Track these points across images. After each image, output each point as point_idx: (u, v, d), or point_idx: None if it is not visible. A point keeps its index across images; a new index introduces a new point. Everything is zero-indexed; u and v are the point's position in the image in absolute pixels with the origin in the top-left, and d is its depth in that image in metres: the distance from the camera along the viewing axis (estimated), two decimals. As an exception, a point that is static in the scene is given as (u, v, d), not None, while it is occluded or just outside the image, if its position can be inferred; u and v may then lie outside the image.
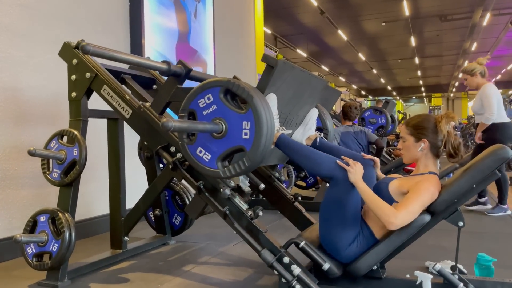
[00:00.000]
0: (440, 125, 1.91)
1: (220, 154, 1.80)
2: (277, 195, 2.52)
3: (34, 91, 2.95)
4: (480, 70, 3.93)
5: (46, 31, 3.02)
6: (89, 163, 2.35)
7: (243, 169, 1.75)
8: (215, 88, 1.78)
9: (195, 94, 1.82)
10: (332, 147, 2.23)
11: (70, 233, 2.12)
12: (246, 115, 1.72)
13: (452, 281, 1.79)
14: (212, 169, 1.82)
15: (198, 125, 1.74)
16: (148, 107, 2.22)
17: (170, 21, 4.31)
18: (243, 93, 1.73)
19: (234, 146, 1.76)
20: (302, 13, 12.69)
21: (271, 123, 1.74)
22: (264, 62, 1.92)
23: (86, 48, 1.98)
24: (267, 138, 1.71)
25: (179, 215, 3.06)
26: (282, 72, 1.95)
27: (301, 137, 2.30)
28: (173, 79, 2.26)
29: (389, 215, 1.75)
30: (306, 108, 2.38)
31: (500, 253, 2.47)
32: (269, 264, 1.86)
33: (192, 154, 1.86)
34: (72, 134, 2.23)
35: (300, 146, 2.01)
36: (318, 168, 1.93)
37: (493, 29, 14.68)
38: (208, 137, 1.81)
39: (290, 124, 2.29)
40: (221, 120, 1.78)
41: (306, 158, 1.95)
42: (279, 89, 2.00)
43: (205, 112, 1.81)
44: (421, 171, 1.95)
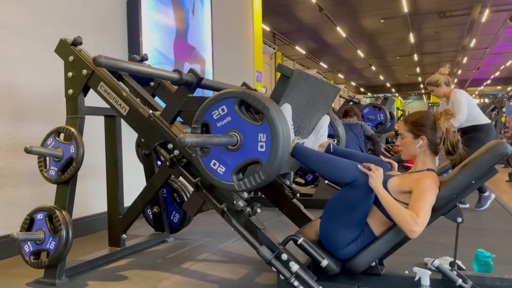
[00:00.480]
0: (439, 122, 1.90)
1: (235, 167, 1.74)
2: (275, 192, 2.51)
3: (31, 89, 2.93)
4: (444, 80, 4.09)
5: (43, 28, 3.00)
6: (87, 161, 2.34)
7: (259, 182, 1.70)
8: (230, 99, 1.73)
9: (208, 105, 1.76)
10: (346, 151, 2.21)
11: (67, 230, 2.11)
12: (262, 127, 1.67)
13: (450, 277, 1.78)
14: (227, 182, 1.76)
15: (214, 139, 1.68)
16: (159, 117, 2.20)
17: (168, 18, 4.29)
18: (259, 105, 1.67)
19: (250, 159, 1.71)
20: (300, 10, 12.67)
21: (287, 135, 1.69)
22: (279, 71, 1.89)
23: (99, 61, 1.90)
24: (283, 150, 1.67)
25: (178, 213, 3.05)
26: (297, 82, 1.92)
27: (313, 145, 2.26)
28: (184, 88, 2.22)
29: (411, 223, 1.72)
30: (318, 116, 2.35)
31: (499, 249, 2.46)
32: (268, 261, 1.85)
33: (206, 167, 1.80)
34: (69, 131, 2.22)
35: (317, 154, 1.99)
36: (340, 174, 1.87)
37: (492, 26, 14.66)
38: (222, 150, 1.76)
39: (302, 132, 2.26)
40: (235, 132, 1.72)
41: (325, 165, 1.90)
42: (293, 99, 1.97)
43: (219, 124, 1.75)
44: (419, 168, 1.95)
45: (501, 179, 7.02)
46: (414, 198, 1.80)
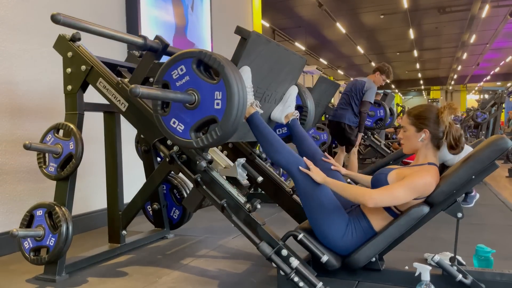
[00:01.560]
0: (442, 116, 1.89)
1: (193, 125, 1.82)
2: (275, 187, 2.51)
3: (30, 85, 2.92)
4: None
5: (41, 24, 2.99)
6: (86, 157, 2.33)
7: (215, 138, 1.77)
8: (188, 59, 1.80)
9: (168, 65, 1.84)
10: (302, 133, 2.33)
11: (67, 227, 2.11)
12: (218, 85, 1.75)
13: (451, 272, 1.78)
14: (185, 139, 1.84)
15: (169, 94, 1.75)
16: (126, 83, 2.22)
17: (167, 14, 4.27)
18: (215, 63, 1.74)
19: (207, 116, 1.79)
20: (300, 6, 12.62)
21: (243, 94, 1.76)
22: (237, 34, 1.93)
23: (57, 18, 1.97)
24: (239, 108, 1.74)
25: (178, 209, 3.05)
26: (256, 45, 1.97)
27: (280, 114, 2.37)
28: (150, 54, 2.28)
29: (364, 194, 1.81)
30: (285, 86, 2.40)
31: (499, 245, 2.47)
32: (268, 257, 1.85)
33: (166, 125, 1.88)
34: (68, 127, 2.21)
35: (268, 131, 2.05)
36: (277, 156, 2.00)
37: (492, 21, 14.62)
38: (181, 108, 1.83)
39: (268, 100, 2.31)
40: (194, 91, 1.80)
41: (269, 144, 2.02)
42: (254, 63, 2.01)
43: (178, 83, 1.83)
44: (420, 161, 1.94)
45: (501, 174, 7.02)
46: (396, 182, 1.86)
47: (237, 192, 2.01)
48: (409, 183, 1.81)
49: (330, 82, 5.36)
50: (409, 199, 1.82)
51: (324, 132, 6.06)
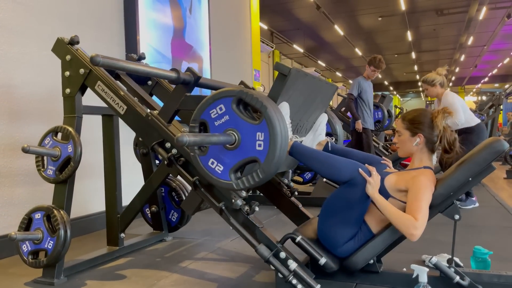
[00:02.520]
0: (436, 120, 1.90)
1: (233, 166, 1.75)
2: (274, 190, 2.51)
3: (28, 88, 2.93)
4: (440, 81, 4.04)
5: (40, 27, 2.99)
6: (85, 160, 2.33)
7: (257, 181, 1.70)
8: (228, 98, 1.73)
9: (206, 104, 1.77)
10: (344, 150, 2.22)
11: (65, 230, 2.11)
12: (259, 126, 1.68)
13: (448, 274, 1.79)
14: (225, 181, 1.77)
15: (212, 138, 1.68)
16: (156, 116, 2.20)
17: (165, 17, 4.29)
18: (257, 103, 1.68)
19: (248, 157, 1.72)
20: (298, 8, 12.65)
21: (285, 134, 1.70)
22: (276, 70, 1.89)
23: (96, 60, 1.90)
24: (281, 149, 1.67)
25: (176, 212, 3.05)
26: (295, 80, 1.92)
27: (312, 143, 2.27)
28: (182, 87, 2.22)
29: (410, 228, 1.73)
30: (316, 114, 2.35)
31: (496, 246, 2.47)
32: (266, 260, 1.85)
33: (204, 166, 1.81)
34: (67, 130, 2.22)
35: (316, 152, 1.98)
36: (338, 173, 1.88)
37: (489, 23, 14.68)
38: (220, 148, 1.77)
39: (300, 130, 2.26)
40: (233, 131, 1.73)
41: (323, 164, 1.90)
42: (291, 97, 1.97)
43: (217, 122, 1.76)
44: (416, 165, 1.95)
45: (498, 176, 7.04)
46: (411, 198, 1.81)
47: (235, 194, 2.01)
48: (424, 196, 1.79)
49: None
50: None
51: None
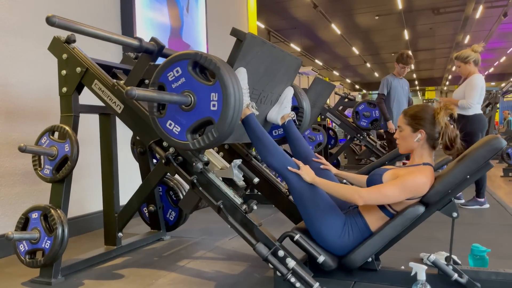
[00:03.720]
0: (439, 117, 1.90)
1: (189, 126, 1.82)
2: (271, 188, 2.51)
3: (25, 87, 2.91)
4: (474, 58, 3.83)
5: (36, 26, 2.98)
6: (82, 159, 2.33)
7: (211, 140, 1.77)
8: (184, 61, 1.80)
9: (164, 67, 1.84)
10: (297, 135, 2.35)
11: (62, 229, 2.10)
12: (213, 86, 1.75)
13: (446, 271, 1.79)
14: (182, 141, 1.84)
15: (165, 96, 1.75)
16: (122, 85, 2.22)
17: (162, 16, 4.27)
18: (210, 64, 1.75)
19: (203, 117, 1.79)
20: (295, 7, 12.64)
21: (239, 95, 1.76)
22: (233, 35, 1.93)
23: (52, 20, 1.96)
24: (235, 109, 1.74)
25: (174, 211, 3.05)
26: (252, 46, 1.97)
27: (276, 116, 2.38)
28: (146, 56, 2.28)
29: (353, 193, 1.83)
30: (281, 87, 2.41)
31: (494, 244, 2.48)
32: (264, 258, 1.85)
33: (162, 127, 1.87)
34: (64, 129, 2.21)
35: (263, 133, 2.05)
36: (271, 159, 2.01)
37: (485, 22, 14.71)
38: (177, 110, 1.83)
39: (264, 101, 2.32)
40: (189, 93, 1.79)
41: (263, 146, 2.03)
42: (250, 64, 2.02)
43: (174, 85, 1.82)
44: (416, 162, 1.95)
45: (495, 174, 7.06)
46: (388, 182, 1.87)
47: (233, 193, 2.01)
48: (400, 183, 1.82)
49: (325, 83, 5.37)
50: (400, 199, 1.83)
51: (319, 133, 6.10)
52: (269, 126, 2.51)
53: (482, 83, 3.85)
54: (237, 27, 1.94)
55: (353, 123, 6.66)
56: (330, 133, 7.19)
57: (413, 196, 1.84)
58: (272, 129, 2.57)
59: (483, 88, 3.89)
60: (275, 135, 2.58)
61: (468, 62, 3.86)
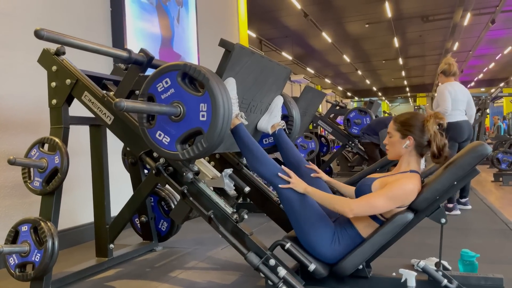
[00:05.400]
0: (428, 124, 1.92)
1: (178, 137, 1.84)
2: (263, 197, 2.51)
3: (14, 99, 2.90)
4: (442, 68, 4.03)
5: (25, 38, 2.98)
6: (73, 171, 2.32)
7: (201, 150, 1.78)
8: (173, 72, 1.82)
9: (153, 78, 1.85)
10: (288, 143, 2.36)
11: (53, 242, 2.08)
12: (203, 97, 1.77)
13: (436, 277, 1.80)
14: (171, 151, 1.85)
15: (154, 107, 1.76)
16: (112, 96, 2.23)
17: (153, 26, 4.29)
18: (199, 75, 1.77)
19: (192, 128, 1.81)
20: (286, 16, 12.75)
21: (228, 106, 1.78)
22: (221, 46, 1.96)
23: (40, 33, 1.97)
24: (224, 120, 1.76)
25: (166, 221, 3.04)
26: (240, 57, 2.00)
27: (266, 124, 2.40)
28: (135, 67, 2.30)
29: (343, 205, 1.84)
30: (271, 96, 2.43)
31: (483, 249, 2.50)
32: (255, 267, 1.85)
33: (152, 138, 1.89)
34: (53, 141, 2.20)
35: (252, 142, 2.06)
36: (260, 168, 2.02)
37: (474, 29, 14.94)
38: (167, 121, 1.84)
39: (254, 111, 2.34)
40: (179, 103, 1.81)
41: (252, 155, 2.03)
42: (239, 74, 2.04)
43: (164, 96, 1.84)
44: (402, 169, 1.97)
45: (486, 179, 7.13)
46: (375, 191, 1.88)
47: (224, 202, 2.01)
48: (388, 192, 1.83)
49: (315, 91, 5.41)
50: (389, 208, 1.85)
51: (311, 140, 6.12)
52: (259, 135, 2.53)
53: (445, 88, 3.93)
54: (228, 37, 1.96)
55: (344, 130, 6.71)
56: (322, 141, 7.22)
57: (402, 204, 1.86)
58: (262, 137, 2.59)
59: (455, 93, 3.93)
60: (266, 144, 2.60)
61: (439, 74, 4.11)
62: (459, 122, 3.93)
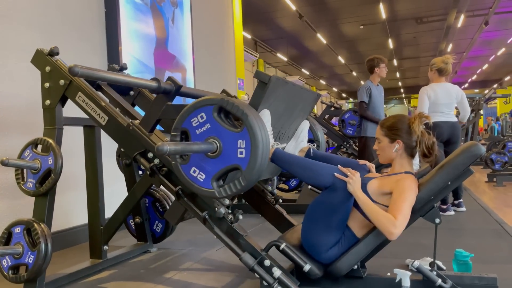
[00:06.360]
0: (414, 126, 1.94)
1: (215, 174, 1.75)
2: (258, 198, 2.51)
3: (7, 100, 2.88)
4: (439, 66, 3.89)
5: (19, 38, 2.96)
6: (67, 172, 2.30)
7: (239, 188, 1.70)
8: (209, 106, 1.73)
9: (187, 112, 1.77)
10: (326, 156, 2.26)
11: (46, 243, 2.07)
12: (241, 134, 1.68)
13: (430, 277, 1.81)
14: (207, 189, 1.77)
15: (193, 147, 1.69)
16: (138, 125, 2.19)
17: (148, 27, 4.28)
18: (238, 111, 1.69)
19: (230, 165, 1.72)
20: (281, 17, 12.78)
21: (267, 141, 1.71)
22: (257, 78, 1.90)
23: (74, 71, 1.94)
24: (263, 156, 1.68)
25: (160, 222, 3.03)
26: (275, 88, 1.95)
27: (294, 150, 2.30)
28: (163, 96, 2.22)
29: (389, 226, 1.75)
30: (298, 121, 2.38)
31: (477, 248, 2.51)
32: (250, 268, 1.85)
33: (186, 175, 1.80)
34: (47, 142, 2.19)
35: (297, 159, 2.02)
36: (319, 178, 1.92)
37: (467, 30, 15.04)
38: (202, 157, 1.76)
39: (282, 137, 2.28)
40: (215, 139, 1.73)
41: (305, 170, 1.95)
42: (272, 105, 1.99)
43: (198, 131, 1.76)
44: (396, 170, 1.98)
45: (480, 180, 7.17)
46: (394, 199, 1.84)
47: (219, 203, 2.00)
48: (408, 197, 1.82)
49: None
50: None
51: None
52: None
53: (424, 91, 3.88)
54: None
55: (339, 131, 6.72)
56: (317, 142, 7.22)
57: None
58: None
59: (435, 97, 3.86)
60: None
61: (431, 69, 3.94)
62: (437, 123, 3.83)
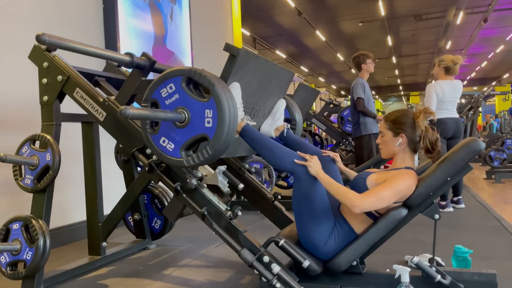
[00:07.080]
0: (418, 121, 1.93)
1: (183, 143, 1.80)
2: (257, 195, 2.51)
3: (5, 96, 2.87)
4: (447, 64, 3.88)
5: (16, 34, 2.94)
6: (65, 168, 2.29)
7: (206, 157, 1.75)
8: (177, 77, 1.78)
9: (157, 84, 1.81)
10: (298, 140, 2.30)
11: (44, 240, 2.06)
12: (208, 103, 1.73)
13: (429, 273, 1.81)
14: (176, 158, 1.82)
15: (159, 113, 1.73)
16: (113, 100, 2.20)
17: (146, 24, 4.26)
18: (205, 81, 1.73)
19: (197, 134, 1.77)
20: (280, 14, 12.75)
21: (234, 111, 1.75)
22: (226, 51, 1.92)
23: (42, 39, 1.94)
24: (230, 126, 1.73)
25: (159, 219, 3.02)
26: (245, 61, 1.97)
27: (270, 128, 2.35)
28: (137, 71, 2.26)
29: (353, 199, 1.78)
30: (274, 99, 2.40)
31: (476, 245, 2.52)
32: (249, 264, 1.84)
33: (156, 144, 1.85)
34: (45, 138, 2.18)
35: (263, 138, 2.03)
36: (279, 162, 1.97)
37: (466, 28, 15.03)
38: (171, 127, 1.81)
39: (257, 114, 2.31)
40: (183, 109, 1.77)
41: (268, 151, 1.99)
42: (243, 79, 2.02)
43: (168, 101, 1.80)
44: (398, 165, 1.97)
45: (478, 177, 7.18)
46: (379, 185, 1.85)
47: (217, 199, 2.00)
48: (393, 185, 1.82)
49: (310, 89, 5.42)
50: (394, 200, 1.84)
51: (305, 138, 6.12)
52: None
53: (432, 87, 3.89)
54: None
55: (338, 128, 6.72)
56: (316, 139, 7.23)
57: (401, 199, 1.86)
58: None
59: (442, 94, 3.87)
60: None
61: (439, 65, 3.95)
62: (442, 119, 3.86)
